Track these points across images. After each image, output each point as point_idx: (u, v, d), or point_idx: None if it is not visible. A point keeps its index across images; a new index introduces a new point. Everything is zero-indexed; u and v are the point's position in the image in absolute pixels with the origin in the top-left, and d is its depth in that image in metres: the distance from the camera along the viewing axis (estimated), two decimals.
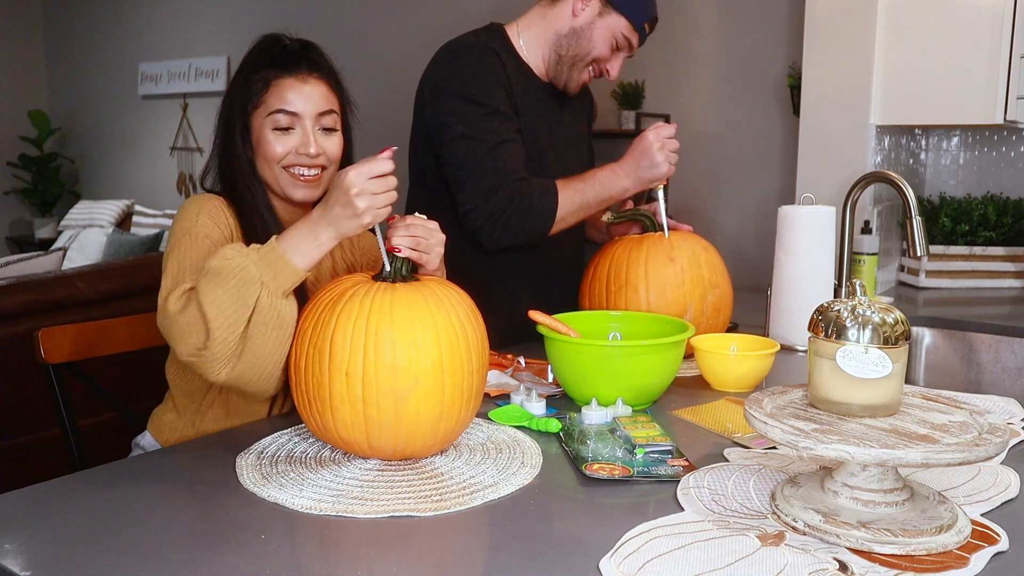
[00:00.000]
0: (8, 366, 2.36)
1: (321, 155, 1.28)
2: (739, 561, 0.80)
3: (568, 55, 1.72)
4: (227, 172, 1.30)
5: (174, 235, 1.23)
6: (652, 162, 1.62)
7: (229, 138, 1.29)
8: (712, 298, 1.55)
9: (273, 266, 1.08)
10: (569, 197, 1.62)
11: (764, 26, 3.10)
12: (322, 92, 1.28)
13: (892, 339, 0.87)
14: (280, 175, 1.28)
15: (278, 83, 1.26)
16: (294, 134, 1.27)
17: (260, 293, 1.06)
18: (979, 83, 2.09)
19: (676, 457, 1.07)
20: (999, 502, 0.95)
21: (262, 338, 1.07)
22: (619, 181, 1.64)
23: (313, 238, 1.10)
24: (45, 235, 5.85)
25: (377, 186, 1.08)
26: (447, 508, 0.93)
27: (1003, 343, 1.95)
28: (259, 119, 1.27)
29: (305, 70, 1.27)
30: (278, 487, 0.98)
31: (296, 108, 1.26)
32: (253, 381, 1.10)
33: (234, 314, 1.05)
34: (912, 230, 1.75)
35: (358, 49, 4.24)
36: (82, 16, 6.00)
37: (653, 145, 1.62)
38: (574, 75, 1.74)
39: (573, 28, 1.71)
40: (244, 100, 1.27)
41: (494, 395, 1.33)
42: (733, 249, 3.23)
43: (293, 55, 1.28)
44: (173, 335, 1.09)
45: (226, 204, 1.28)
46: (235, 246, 1.10)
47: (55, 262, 4.12)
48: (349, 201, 1.07)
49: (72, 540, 0.86)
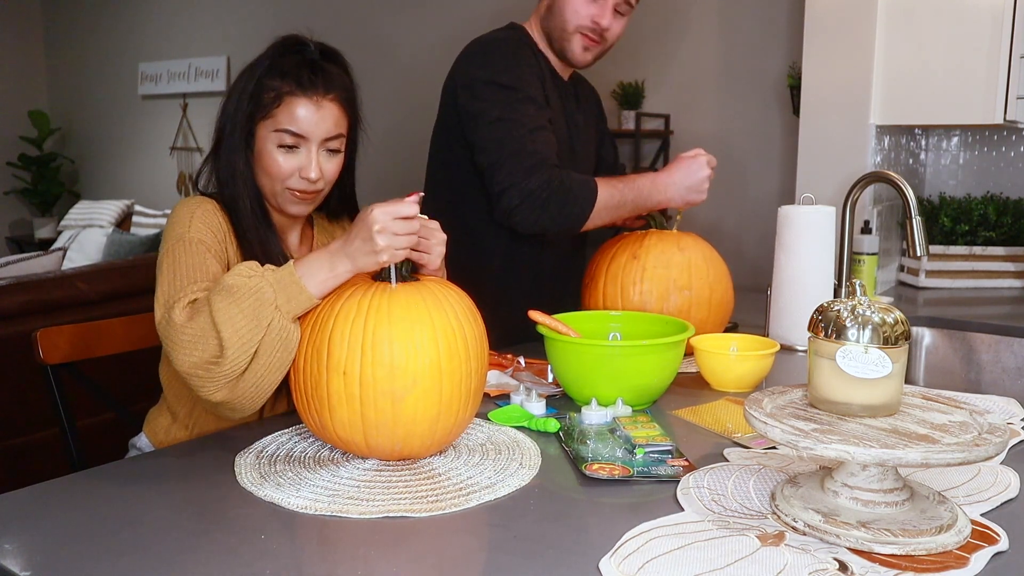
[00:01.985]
0: (8, 366, 2.36)
1: (320, 180, 1.26)
2: (739, 561, 0.80)
3: (555, 29, 1.72)
4: (224, 174, 1.28)
5: (167, 240, 1.21)
6: (699, 186, 1.66)
7: (230, 141, 1.25)
8: (678, 300, 1.53)
9: (288, 290, 1.06)
10: (609, 195, 1.63)
11: (764, 26, 3.10)
12: (334, 116, 1.24)
13: (892, 339, 0.87)
14: (281, 193, 1.26)
15: (291, 100, 1.21)
16: (298, 154, 1.24)
17: (274, 316, 1.05)
18: (979, 83, 2.09)
19: (676, 457, 1.07)
20: (999, 502, 0.95)
21: (267, 361, 1.06)
22: (659, 193, 1.65)
23: (330, 268, 1.08)
24: (45, 235, 5.84)
25: (400, 227, 1.06)
26: (442, 509, 0.93)
27: (1003, 343, 1.95)
28: (265, 131, 1.23)
29: (321, 91, 1.22)
30: (275, 487, 0.98)
31: (304, 131, 1.22)
32: (245, 402, 1.09)
33: (248, 334, 1.04)
34: (912, 230, 1.75)
35: (362, 48, 4.24)
36: (82, 16, 6.00)
37: (704, 171, 1.65)
38: (567, 46, 1.73)
39: (549, 4, 1.73)
40: (252, 109, 1.23)
41: (494, 395, 1.33)
42: (733, 249, 3.23)
43: (311, 70, 1.23)
44: (178, 346, 1.07)
45: (219, 207, 1.26)
46: (250, 265, 1.09)
47: (55, 262, 4.12)
48: (370, 237, 1.05)
49: (72, 540, 0.86)
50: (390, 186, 3.65)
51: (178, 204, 1.27)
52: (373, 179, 1.74)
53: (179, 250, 1.19)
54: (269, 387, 1.09)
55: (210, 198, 1.28)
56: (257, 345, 1.05)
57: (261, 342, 1.05)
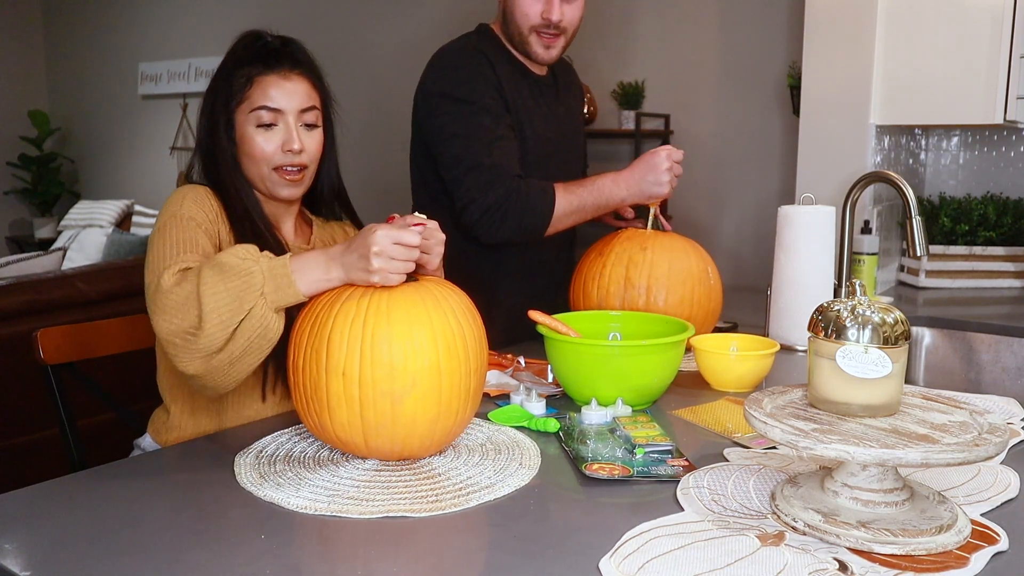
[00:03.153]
0: (8, 366, 2.36)
1: (303, 152, 1.29)
2: (739, 561, 0.80)
3: (514, 34, 1.72)
4: (211, 167, 1.31)
5: (160, 220, 1.24)
6: (658, 180, 1.64)
7: (213, 134, 1.30)
8: (638, 300, 1.53)
9: (277, 280, 1.07)
10: (567, 201, 1.64)
11: (764, 26, 3.10)
12: (304, 88, 1.30)
13: (892, 339, 0.87)
14: (269, 176, 1.29)
15: (261, 80, 1.27)
16: (277, 131, 1.28)
17: (257, 302, 1.06)
18: (979, 83, 2.09)
19: (676, 457, 1.07)
20: (999, 502, 0.95)
21: (243, 344, 1.07)
22: (619, 191, 1.66)
23: (325, 270, 1.09)
24: (45, 235, 5.84)
25: (398, 252, 1.06)
26: (442, 509, 0.93)
27: (1003, 343, 1.95)
28: (242, 115, 1.28)
29: (287, 66, 1.29)
30: (275, 487, 0.98)
31: (279, 104, 1.27)
32: (218, 379, 1.11)
33: (228, 313, 1.06)
34: (912, 230, 1.75)
35: (357, 49, 4.24)
36: (82, 16, 6.00)
37: (663, 164, 1.64)
38: (529, 47, 1.72)
39: (503, 8, 1.73)
40: (227, 96, 1.28)
41: (494, 395, 1.33)
42: (733, 249, 3.23)
43: (275, 52, 1.29)
44: (163, 309, 1.08)
45: (212, 193, 1.29)
46: (249, 248, 1.11)
47: (55, 262, 4.12)
48: (367, 255, 1.05)
49: (72, 540, 0.86)
50: (376, 184, 3.66)
51: (172, 192, 1.30)
52: (363, 176, 1.74)
53: (171, 225, 1.22)
54: (244, 370, 1.11)
55: (203, 186, 1.31)
56: (235, 326, 1.06)
57: (240, 325, 1.06)
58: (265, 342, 1.09)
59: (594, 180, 1.67)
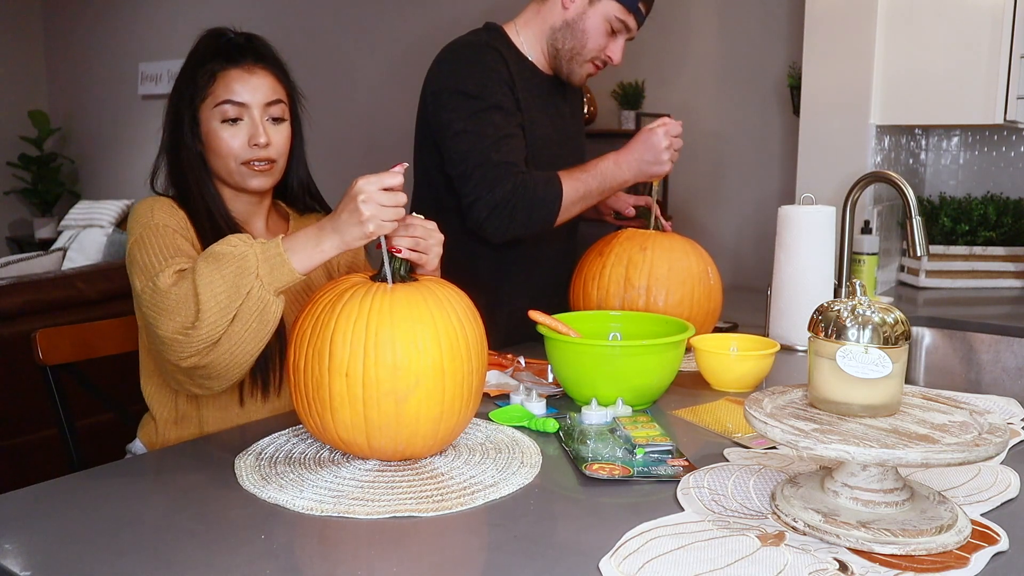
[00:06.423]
0: (8, 366, 2.36)
1: (270, 146, 1.29)
2: (739, 561, 0.80)
3: (565, 49, 1.72)
4: (176, 167, 1.31)
5: (132, 234, 1.24)
6: (657, 158, 1.63)
7: (177, 132, 1.30)
8: (637, 300, 1.54)
9: (271, 262, 1.09)
10: (573, 188, 1.63)
11: (764, 26, 3.10)
12: (269, 83, 1.30)
13: (892, 339, 0.87)
14: (237, 170, 1.29)
15: (224, 75, 1.27)
16: (243, 125, 1.28)
17: (254, 285, 1.08)
18: (979, 83, 2.09)
19: (676, 457, 1.07)
20: (999, 502, 0.95)
21: (243, 329, 1.09)
22: (621, 173, 1.65)
23: (316, 243, 1.11)
24: (45, 235, 5.84)
25: (385, 198, 1.08)
26: (448, 508, 0.93)
27: (1003, 343, 1.95)
28: (207, 111, 1.28)
29: (251, 61, 1.29)
30: (278, 488, 0.98)
31: (243, 98, 1.27)
32: (220, 369, 1.12)
33: (226, 299, 1.07)
34: (912, 230, 1.75)
35: (358, 48, 4.24)
36: (82, 16, 6.00)
37: (661, 143, 1.63)
38: (575, 69, 1.74)
39: (566, 21, 1.70)
40: (191, 94, 1.28)
41: (494, 395, 1.33)
42: (733, 249, 3.23)
43: (238, 47, 1.29)
44: (162, 310, 1.09)
45: (175, 204, 1.29)
46: (241, 235, 1.12)
47: (55, 262, 4.12)
48: (355, 207, 1.07)
49: (72, 540, 0.86)
50: None
51: (134, 206, 1.29)
52: None
53: (148, 236, 1.22)
54: (245, 358, 1.11)
55: (166, 197, 1.31)
56: (235, 312, 1.07)
57: (239, 309, 1.07)
58: (264, 326, 1.10)
59: (596, 164, 1.66)
